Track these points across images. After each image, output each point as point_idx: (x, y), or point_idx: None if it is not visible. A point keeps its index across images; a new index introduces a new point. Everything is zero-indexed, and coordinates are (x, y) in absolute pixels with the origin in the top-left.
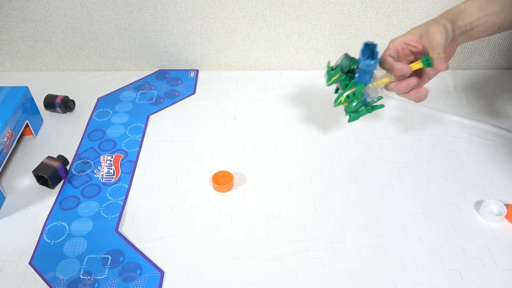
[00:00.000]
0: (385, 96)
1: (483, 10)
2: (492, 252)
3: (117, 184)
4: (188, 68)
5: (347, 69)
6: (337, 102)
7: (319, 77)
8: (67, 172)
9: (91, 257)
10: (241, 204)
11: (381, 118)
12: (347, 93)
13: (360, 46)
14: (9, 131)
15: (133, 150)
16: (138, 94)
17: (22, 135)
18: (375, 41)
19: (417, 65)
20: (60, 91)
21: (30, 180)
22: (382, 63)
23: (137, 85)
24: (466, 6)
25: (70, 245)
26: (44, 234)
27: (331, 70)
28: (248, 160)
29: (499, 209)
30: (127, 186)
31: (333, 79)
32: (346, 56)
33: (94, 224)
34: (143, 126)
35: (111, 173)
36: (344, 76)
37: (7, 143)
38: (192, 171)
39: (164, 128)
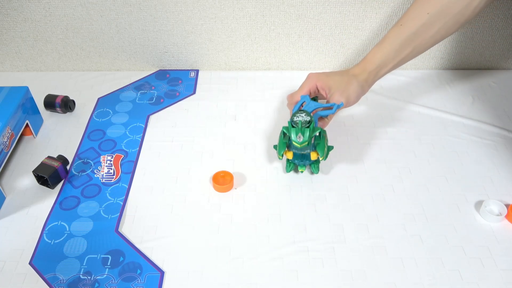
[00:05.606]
0: (386, 97)
1: (398, 56)
2: (492, 252)
3: (117, 184)
4: (188, 68)
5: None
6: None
7: None
8: (67, 172)
9: (91, 257)
10: (241, 204)
11: (381, 118)
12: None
13: (359, 47)
14: (9, 131)
15: (133, 150)
16: (138, 94)
17: (22, 135)
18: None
19: (314, 156)
20: (60, 91)
21: (30, 180)
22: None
23: (137, 85)
24: (384, 56)
25: (70, 245)
26: (44, 234)
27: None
28: (248, 160)
29: (499, 209)
30: (127, 186)
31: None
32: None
33: (94, 224)
34: (143, 126)
35: (111, 173)
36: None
37: (7, 143)
38: (192, 171)
39: (164, 128)
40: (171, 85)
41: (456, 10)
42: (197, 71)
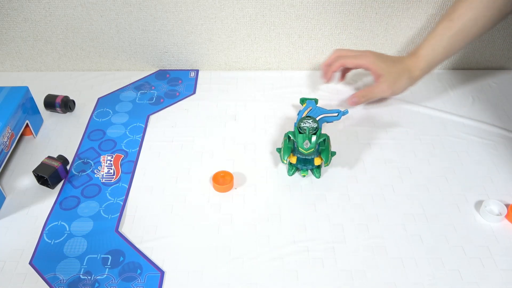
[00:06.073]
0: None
1: (445, 53)
2: (492, 252)
3: (117, 184)
4: (188, 68)
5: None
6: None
7: (319, 77)
8: (67, 172)
9: (91, 257)
10: (241, 204)
11: (381, 118)
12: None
13: (359, 47)
14: (9, 131)
15: (133, 150)
16: (138, 94)
17: (22, 135)
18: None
19: (317, 161)
20: (60, 91)
21: (30, 180)
22: None
23: (137, 85)
24: (434, 53)
25: (70, 245)
26: (44, 234)
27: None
28: (248, 160)
29: (499, 209)
30: (127, 186)
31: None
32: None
33: (94, 224)
34: (143, 126)
35: (111, 173)
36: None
37: (7, 143)
38: (192, 171)
39: (164, 128)
40: (171, 85)
41: (502, 2)
42: (197, 71)
